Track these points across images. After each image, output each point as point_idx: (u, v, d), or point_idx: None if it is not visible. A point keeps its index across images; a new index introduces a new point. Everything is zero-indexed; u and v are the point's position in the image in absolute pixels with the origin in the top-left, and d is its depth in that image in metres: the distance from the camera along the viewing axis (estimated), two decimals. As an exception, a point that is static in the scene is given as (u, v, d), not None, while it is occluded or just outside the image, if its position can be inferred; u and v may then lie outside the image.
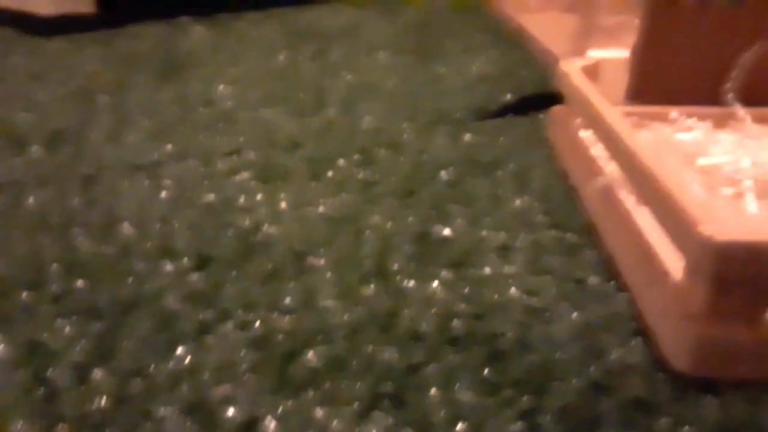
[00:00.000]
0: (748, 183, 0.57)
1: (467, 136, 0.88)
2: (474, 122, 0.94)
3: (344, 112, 0.98)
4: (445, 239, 0.62)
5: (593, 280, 0.54)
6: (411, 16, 1.70)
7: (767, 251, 0.39)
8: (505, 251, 0.59)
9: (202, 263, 0.56)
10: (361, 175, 0.76)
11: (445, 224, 0.64)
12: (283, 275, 0.54)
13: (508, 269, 0.56)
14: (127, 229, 0.63)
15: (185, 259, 0.57)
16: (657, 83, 0.80)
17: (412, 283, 0.54)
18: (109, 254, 0.59)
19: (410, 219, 0.65)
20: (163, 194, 0.70)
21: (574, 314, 0.50)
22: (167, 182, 0.73)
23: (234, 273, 0.55)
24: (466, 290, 0.53)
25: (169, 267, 0.56)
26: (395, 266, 0.57)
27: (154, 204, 0.68)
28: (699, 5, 0.76)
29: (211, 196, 0.69)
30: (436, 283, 0.54)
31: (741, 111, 0.70)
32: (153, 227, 0.63)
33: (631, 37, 0.83)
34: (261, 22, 1.65)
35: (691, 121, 0.70)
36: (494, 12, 1.68)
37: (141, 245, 0.60)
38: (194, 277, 0.55)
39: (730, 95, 0.72)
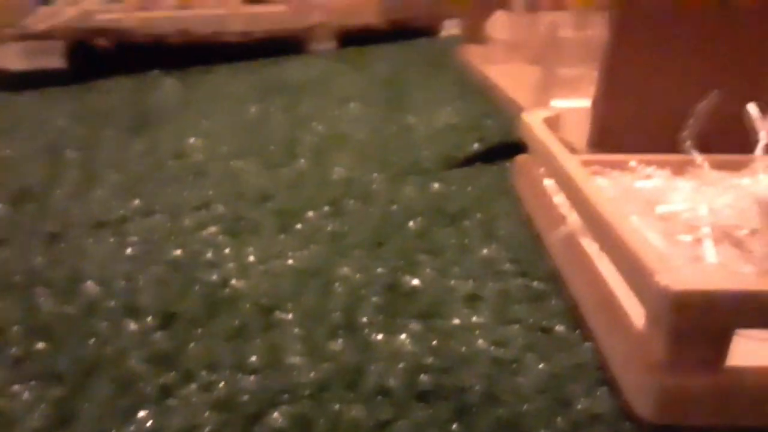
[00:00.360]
0: (705, 230, 0.59)
1: (435, 186, 0.89)
2: (442, 171, 0.95)
3: (315, 164, 0.99)
4: (414, 290, 0.62)
5: (559, 328, 0.54)
6: (380, 69, 1.74)
7: (724, 300, 0.40)
8: (473, 301, 0.59)
9: (166, 321, 0.55)
10: (330, 227, 0.76)
11: (414, 274, 0.64)
12: (249, 332, 0.54)
13: (476, 319, 0.56)
14: (90, 287, 0.62)
15: (149, 318, 0.56)
16: (617, 132, 0.83)
17: (380, 336, 0.54)
18: (71, 314, 0.58)
19: (379, 270, 0.65)
20: (129, 251, 0.69)
21: (541, 365, 0.50)
22: (133, 238, 0.72)
23: (199, 331, 0.54)
24: (434, 342, 0.53)
25: (132, 326, 0.55)
26: (363, 319, 0.56)
27: (119, 261, 0.67)
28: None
29: (177, 252, 0.69)
30: (404, 336, 0.54)
31: (698, 158, 0.72)
32: (117, 285, 0.62)
33: (592, 88, 0.86)
34: (233, 76, 1.67)
35: (650, 169, 0.72)
36: (461, 64, 1.73)
37: (105, 304, 0.59)
38: (158, 336, 0.54)
39: (688, 143, 0.74)
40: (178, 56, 1.74)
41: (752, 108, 0.68)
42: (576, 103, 0.94)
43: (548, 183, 0.73)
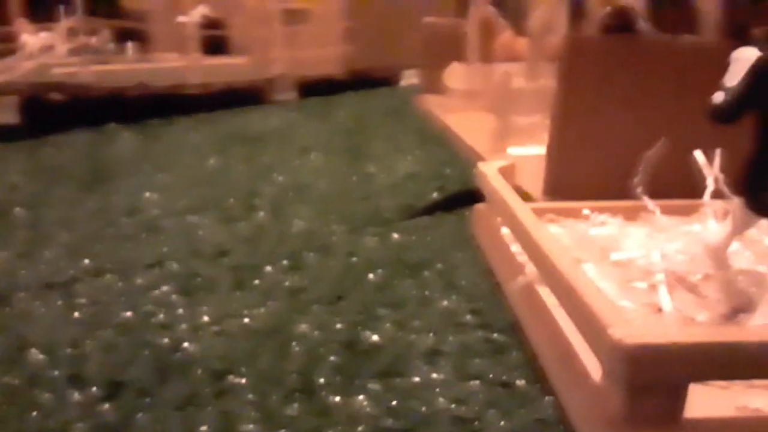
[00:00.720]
0: (659, 276, 0.59)
1: (395, 236, 0.88)
2: (402, 221, 0.95)
3: (274, 216, 0.98)
4: (374, 346, 0.61)
5: (520, 383, 0.54)
6: (341, 118, 1.75)
7: (678, 353, 0.39)
8: (433, 356, 0.58)
9: (113, 391, 0.53)
10: (288, 282, 0.74)
11: (374, 330, 0.63)
12: (201, 399, 0.52)
13: (436, 376, 0.55)
14: (35, 355, 0.59)
15: (95, 388, 0.53)
16: (571, 179, 0.84)
17: (338, 398, 0.52)
18: (14, 386, 0.55)
19: (338, 326, 0.64)
20: (77, 314, 0.67)
21: (503, 422, 0.49)
22: (82, 301, 0.69)
23: (147, 400, 0.52)
24: (394, 402, 0.51)
25: (77, 397, 0.52)
26: (321, 380, 0.55)
27: (66, 326, 0.64)
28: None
29: (128, 314, 0.66)
30: (362, 397, 0.52)
31: (650, 204, 0.73)
32: (63, 353, 0.59)
33: (546, 134, 0.88)
34: (192, 128, 1.66)
35: (603, 217, 0.73)
36: (420, 113, 1.76)
37: (49, 373, 0.56)
38: (104, 407, 0.51)
39: (639, 189, 0.75)
40: (137, 109, 1.73)
41: (699, 155, 0.70)
42: (532, 150, 0.96)
43: (506, 232, 0.73)
